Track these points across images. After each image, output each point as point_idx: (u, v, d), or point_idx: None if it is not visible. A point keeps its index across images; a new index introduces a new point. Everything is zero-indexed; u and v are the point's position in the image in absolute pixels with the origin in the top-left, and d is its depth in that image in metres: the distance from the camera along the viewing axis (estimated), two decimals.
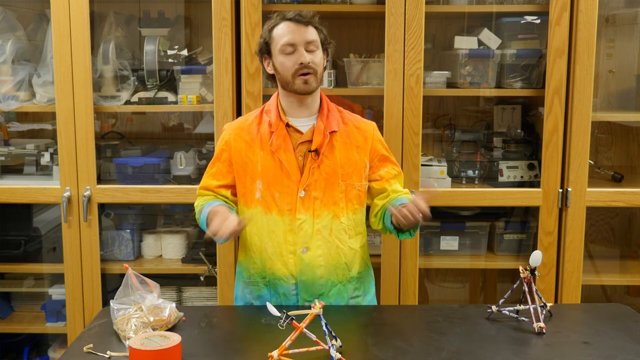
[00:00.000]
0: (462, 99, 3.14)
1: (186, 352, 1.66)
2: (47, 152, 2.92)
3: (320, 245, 2.04)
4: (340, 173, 2.05)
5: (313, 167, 2.03)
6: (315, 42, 2.01)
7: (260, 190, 2.05)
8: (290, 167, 2.03)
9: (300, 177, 2.03)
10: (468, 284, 3.32)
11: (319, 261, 2.05)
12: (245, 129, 2.10)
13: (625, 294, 3.21)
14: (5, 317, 3.05)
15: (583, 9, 2.60)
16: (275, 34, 2.01)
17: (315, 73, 2.00)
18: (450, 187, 2.84)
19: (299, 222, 2.03)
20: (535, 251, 1.88)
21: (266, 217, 2.05)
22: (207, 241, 2.34)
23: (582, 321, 2.01)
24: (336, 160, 2.05)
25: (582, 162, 2.69)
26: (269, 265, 2.07)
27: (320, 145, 2.03)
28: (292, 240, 2.04)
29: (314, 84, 2.01)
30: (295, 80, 1.99)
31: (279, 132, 2.04)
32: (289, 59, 1.98)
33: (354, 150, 2.08)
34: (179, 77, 2.89)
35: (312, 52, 2.00)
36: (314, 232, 2.04)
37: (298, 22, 1.99)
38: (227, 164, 2.11)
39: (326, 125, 2.06)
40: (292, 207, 2.03)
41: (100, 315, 1.96)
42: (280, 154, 2.03)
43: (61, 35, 2.65)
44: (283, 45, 1.98)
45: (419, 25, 2.61)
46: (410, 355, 1.68)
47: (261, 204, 2.05)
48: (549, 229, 2.74)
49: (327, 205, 2.04)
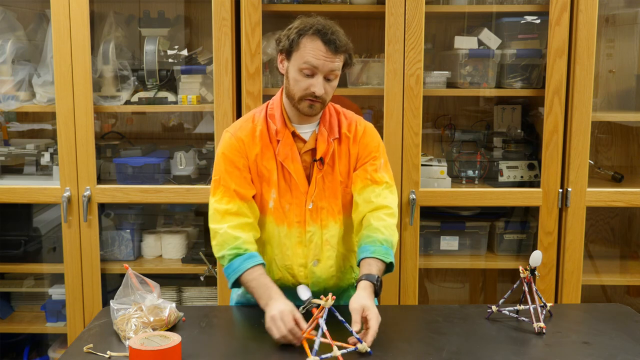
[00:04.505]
0: (462, 99, 3.14)
1: (186, 352, 1.65)
2: (47, 152, 2.92)
3: (331, 256, 2.01)
4: (340, 180, 2.00)
5: (319, 176, 1.98)
6: (337, 72, 1.90)
7: (273, 200, 1.98)
8: (299, 177, 1.97)
9: (307, 188, 1.98)
10: (468, 284, 3.32)
11: (331, 272, 2.03)
12: (258, 136, 1.97)
13: (625, 294, 3.21)
14: (5, 317, 3.04)
15: (583, 9, 2.60)
16: (302, 45, 1.87)
17: (323, 102, 1.92)
18: (450, 187, 2.84)
19: (309, 234, 1.99)
20: (535, 251, 1.88)
21: (277, 229, 1.99)
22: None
23: (582, 321, 2.01)
24: (336, 168, 1.99)
25: (582, 162, 2.69)
26: (278, 276, 2.03)
27: (325, 153, 1.97)
28: (302, 252, 2.00)
29: (318, 109, 1.92)
30: (301, 102, 1.90)
31: (285, 141, 1.96)
32: (304, 81, 1.88)
33: (346, 155, 2.01)
34: (179, 77, 2.89)
35: (329, 81, 1.90)
36: (323, 243, 2.00)
37: (329, 48, 1.86)
38: (246, 171, 1.97)
39: (329, 132, 1.99)
40: (301, 220, 1.98)
41: (100, 315, 1.95)
42: (287, 163, 1.96)
43: (61, 35, 2.65)
44: (305, 65, 1.87)
45: (419, 25, 2.61)
46: (410, 355, 1.68)
47: (273, 214, 1.99)
48: (549, 229, 2.74)
49: (332, 214, 2.00)
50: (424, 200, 2.72)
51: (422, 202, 2.72)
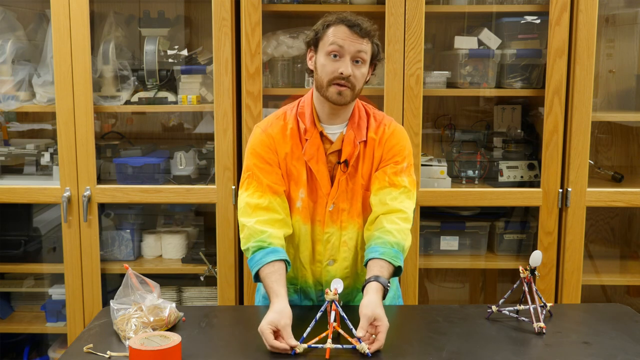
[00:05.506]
0: (462, 99, 3.14)
1: (186, 352, 1.66)
2: (47, 152, 2.92)
3: (347, 257, 2.03)
4: (362, 183, 2.01)
5: (342, 178, 1.98)
6: (365, 55, 1.91)
7: (302, 200, 1.99)
8: (322, 178, 1.98)
9: (329, 190, 1.99)
10: (468, 284, 3.32)
11: (345, 273, 2.04)
12: (288, 135, 1.99)
13: (625, 294, 3.21)
14: (5, 317, 3.04)
15: (583, 9, 2.60)
16: (329, 32, 1.90)
17: (352, 87, 1.90)
18: (450, 187, 2.84)
19: (327, 235, 2.01)
20: (535, 251, 1.88)
21: (304, 227, 2.01)
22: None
23: (582, 321, 2.01)
24: (359, 170, 2.00)
25: (582, 162, 2.69)
26: (302, 273, 2.05)
27: (350, 156, 1.97)
28: (320, 250, 2.02)
29: (348, 97, 1.91)
30: (329, 87, 1.90)
31: (312, 141, 1.97)
32: (332, 64, 1.89)
33: (370, 157, 2.01)
34: (179, 77, 2.89)
35: (357, 65, 1.90)
36: (340, 244, 2.02)
37: (354, 31, 1.89)
38: (277, 167, 1.98)
39: (357, 135, 1.98)
40: (321, 219, 2.00)
41: (100, 315, 1.96)
42: (312, 164, 1.97)
43: (61, 35, 2.65)
44: (331, 46, 1.89)
45: (419, 25, 2.61)
46: (410, 355, 1.68)
47: (301, 213, 2.00)
48: (549, 229, 2.74)
49: (352, 216, 2.01)
50: (424, 200, 2.72)
51: (422, 202, 2.72)
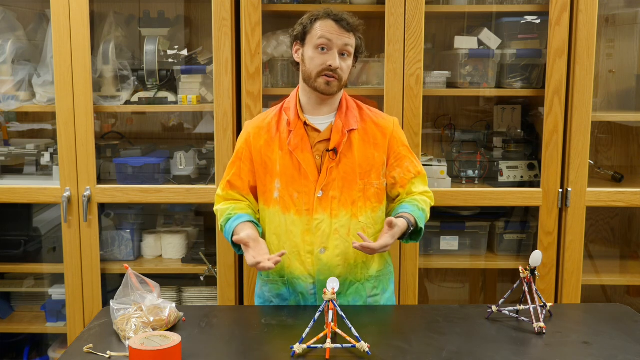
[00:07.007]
0: (462, 99, 3.14)
1: (186, 352, 1.66)
2: (47, 152, 2.92)
3: (338, 245, 2.04)
4: (359, 172, 2.05)
5: (331, 166, 2.03)
6: (351, 49, 2.02)
7: (278, 190, 2.05)
8: (308, 166, 2.03)
9: (317, 177, 2.03)
10: (468, 284, 3.32)
11: (337, 261, 2.05)
12: (265, 127, 2.10)
13: (625, 294, 3.21)
14: (5, 317, 3.04)
15: (583, 9, 2.60)
16: (316, 26, 1.99)
17: (340, 79, 2.01)
18: (450, 187, 2.84)
19: (317, 222, 2.03)
20: (535, 251, 1.88)
21: (284, 217, 2.05)
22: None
23: (582, 321, 2.01)
24: (354, 159, 2.05)
25: (582, 162, 2.69)
26: (287, 264, 2.07)
27: (339, 144, 2.03)
28: (309, 240, 2.04)
29: (335, 88, 2.01)
30: (318, 78, 1.99)
31: (297, 131, 2.04)
32: (320, 57, 1.98)
33: (372, 147, 2.08)
34: (179, 77, 2.89)
35: (343, 58, 2.01)
36: (331, 232, 2.04)
37: (341, 25, 1.99)
38: (248, 163, 2.11)
39: (345, 124, 2.05)
40: (309, 207, 2.03)
41: (100, 315, 1.96)
42: (297, 153, 2.03)
43: (61, 35, 2.65)
44: (320, 40, 1.98)
45: (419, 25, 2.61)
46: (410, 355, 1.68)
47: (279, 203, 2.05)
48: (549, 229, 2.74)
49: (345, 204, 2.04)
50: None
51: None
